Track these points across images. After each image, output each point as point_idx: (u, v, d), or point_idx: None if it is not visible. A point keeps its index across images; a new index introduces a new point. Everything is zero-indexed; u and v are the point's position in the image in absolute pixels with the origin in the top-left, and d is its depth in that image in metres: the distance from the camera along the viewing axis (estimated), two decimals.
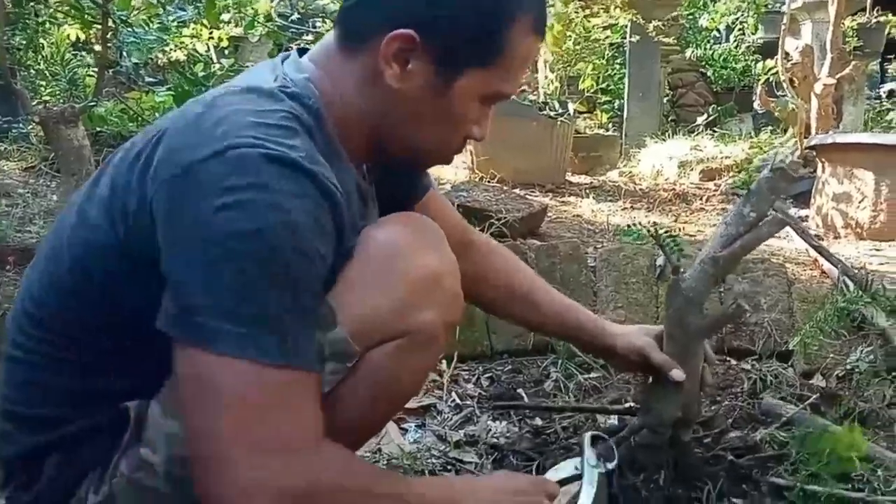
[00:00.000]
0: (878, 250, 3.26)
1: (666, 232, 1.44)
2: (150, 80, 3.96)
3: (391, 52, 0.98)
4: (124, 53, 2.96)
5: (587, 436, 1.39)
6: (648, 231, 1.44)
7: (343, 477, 0.92)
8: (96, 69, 3.33)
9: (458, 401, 1.97)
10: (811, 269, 2.68)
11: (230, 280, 0.84)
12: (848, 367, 1.99)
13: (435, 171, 3.47)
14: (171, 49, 4.03)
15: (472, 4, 1.00)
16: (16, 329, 1.02)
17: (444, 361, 2.10)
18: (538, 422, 1.86)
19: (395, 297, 1.01)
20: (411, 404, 1.82)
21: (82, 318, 0.98)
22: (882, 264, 2.90)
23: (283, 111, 0.94)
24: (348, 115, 1.03)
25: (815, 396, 1.87)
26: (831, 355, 2.04)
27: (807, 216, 3.88)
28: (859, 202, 3.57)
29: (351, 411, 1.02)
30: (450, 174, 4.10)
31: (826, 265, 2.50)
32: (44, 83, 3.94)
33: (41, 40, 3.88)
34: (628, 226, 1.48)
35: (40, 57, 3.95)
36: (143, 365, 0.97)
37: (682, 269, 1.43)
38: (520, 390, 2.04)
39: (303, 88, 0.99)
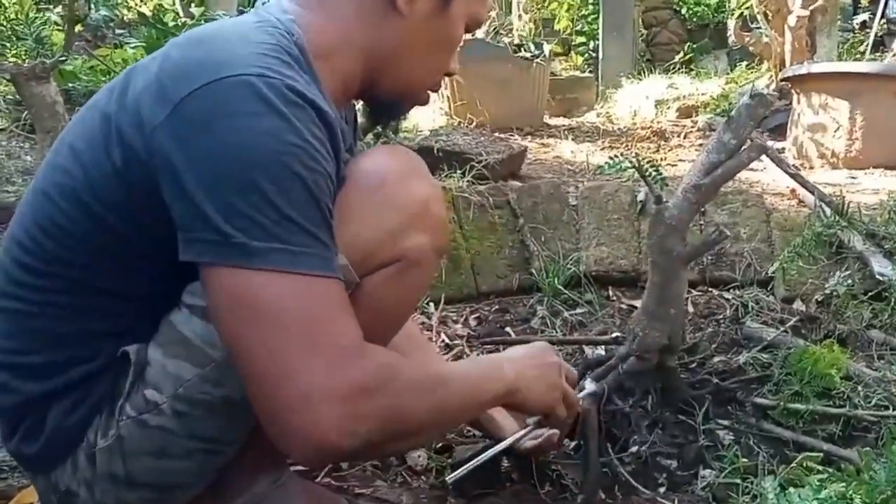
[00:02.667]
0: (853, 178, 3.30)
1: (648, 162, 1.46)
2: (120, 31, 3.87)
3: None
4: (93, 6, 2.89)
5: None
6: (631, 162, 1.45)
7: (401, 365, 0.95)
8: (63, 25, 3.25)
9: (447, 340, 2.00)
10: (788, 199, 2.71)
11: (266, 200, 0.85)
12: (827, 290, 2.03)
13: (412, 117, 3.45)
14: (137, 3, 3.95)
15: None
16: (6, 280, 1.01)
17: (431, 304, 2.12)
18: None
19: (388, 224, 1.05)
20: None
21: (82, 257, 0.97)
22: (858, 191, 2.93)
23: (272, 43, 0.95)
24: (341, 55, 1.04)
25: (794, 319, 1.91)
26: (810, 280, 2.08)
27: (783, 148, 3.90)
28: (834, 131, 3.59)
29: None
30: (427, 120, 4.07)
31: (803, 193, 2.53)
32: (8, 44, 3.85)
33: (3, 0, 3.78)
34: (610, 157, 1.49)
35: (3, 17, 3.85)
36: (138, 303, 1.00)
37: (664, 198, 1.45)
38: (507, 328, 2.08)
39: (287, 25, 1.00)
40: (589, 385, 1.46)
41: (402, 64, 1.10)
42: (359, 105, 1.26)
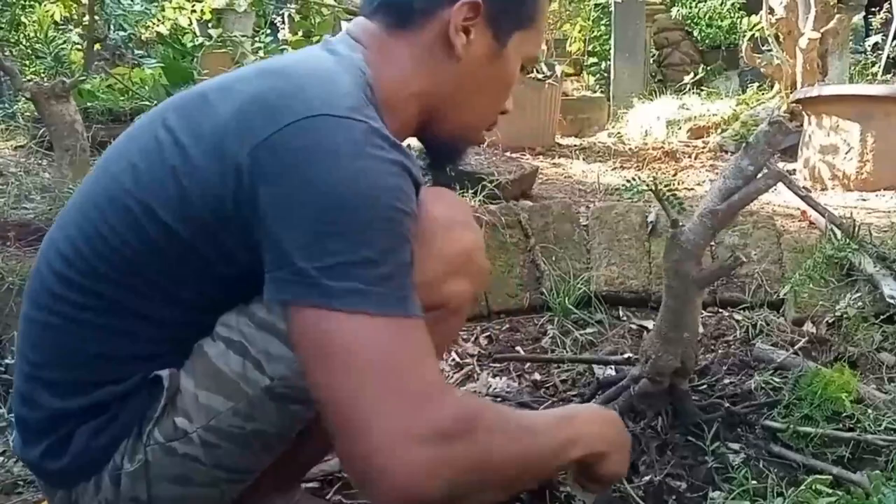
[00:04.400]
0: (864, 200, 3.30)
1: (665, 186, 1.47)
2: (138, 51, 3.92)
3: (459, 21, 1.04)
4: (112, 26, 2.94)
5: None
6: (648, 185, 1.46)
7: (486, 411, 0.94)
8: (82, 45, 3.31)
9: (458, 359, 2.01)
10: (799, 221, 2.71)
11: (351, 241, 0.85)
12: (837, 313, 2.02)
13: None
14: (154, 23, 4.01)
15: None
16: (44, 292, 0.99)
17: None
18: (537, 376, 1.91)
19: (431, 273, 1.02)
20: None
21: (128, 277, 0.95)
22: (869, 213, 2.94)
23: (354, 83, 0.96)
24: (398, 97, 1.04)
25: (804, 341, 1.91)
26: (821, 302, 2.08)
27: (794, 170, 3.90)
28: (846, 153, 3.60)
29: None
30: None
31: (814, 216, 2.53)
32: (28, 62, 3.92)
33: (24, 19, 3.85)
34: (628, 181, 1.50)
35: (23, 35, 3.91)
36: (172, 330, 0.98)
37: (679, 223, 1.46)
38: (518, 347, 2.09)
39: (360, 65, 1.01)
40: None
41: (459, 106, 1.11)
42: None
